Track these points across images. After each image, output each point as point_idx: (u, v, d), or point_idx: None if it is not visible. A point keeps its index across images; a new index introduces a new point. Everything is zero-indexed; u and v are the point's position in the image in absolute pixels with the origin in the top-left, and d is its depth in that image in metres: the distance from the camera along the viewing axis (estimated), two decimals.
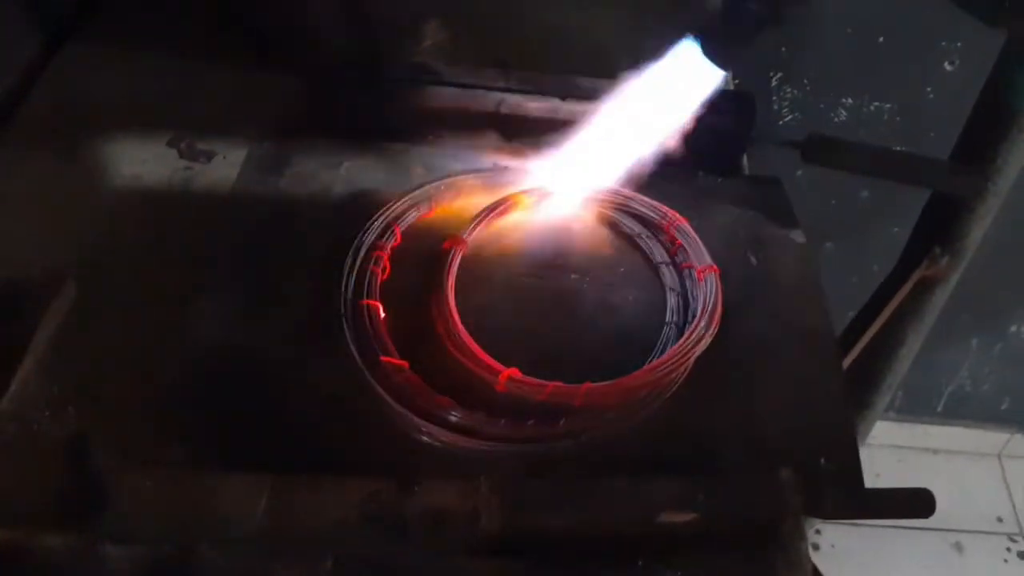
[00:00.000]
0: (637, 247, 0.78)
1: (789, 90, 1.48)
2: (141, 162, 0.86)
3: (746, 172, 0.91)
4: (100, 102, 0.91)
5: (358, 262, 0.74)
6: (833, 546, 1.87)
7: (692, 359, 0.69)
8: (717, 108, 0.83)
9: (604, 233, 0.80)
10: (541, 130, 0.85)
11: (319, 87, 0.92)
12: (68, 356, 0.70)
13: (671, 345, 0.70)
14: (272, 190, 0.83)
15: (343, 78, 0.91)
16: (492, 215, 0.78)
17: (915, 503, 0.65)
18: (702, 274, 0.74)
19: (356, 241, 0.76)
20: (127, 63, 0.94)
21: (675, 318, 0.72)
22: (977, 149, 1.02)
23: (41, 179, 0.83)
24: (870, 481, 0.64)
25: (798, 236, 0.82)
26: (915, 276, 1.17)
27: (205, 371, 0.70)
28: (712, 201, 0.84)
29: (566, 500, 0.61)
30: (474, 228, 0.77)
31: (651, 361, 0.68)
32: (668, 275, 0.75)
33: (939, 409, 1.98)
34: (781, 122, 1.50)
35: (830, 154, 0.88)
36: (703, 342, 0.69)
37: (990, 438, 2.01)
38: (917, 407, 1.96)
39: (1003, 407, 1.96)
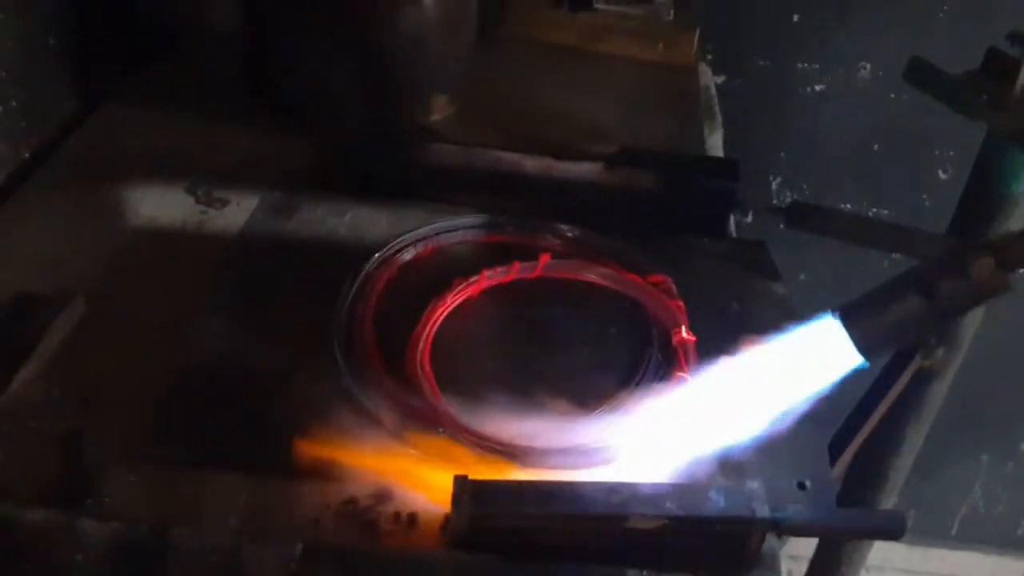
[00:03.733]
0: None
1: (789, 194, 1.54)
2: (159, 205, 0.92)
3: (732, 235, 0.95)
4: (128, 152, 0.98)
5: (354, 289, 0.78)
6: None
7: None
8: (702, 171, 0.88)
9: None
10: (536, 187, 0.90)
11: (332, 147, 0.98)
12: (71, 363, 0.73)
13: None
14: (279, 231, 0.88)
15: (355, 140, 0.98)
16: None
17: (884, 524, 0.65)
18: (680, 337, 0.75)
19: (356, 272, 0.79)
20: (156, 120, 1.02)
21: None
22: (967, 231, 1.07)
23: (66, 213, 0.89)
24: None
25: (780, 288, 0.85)
26: (911, 368, 1.18)
27: (200, 381, 0.73)
28: (696, 259, 0.88)
29: (535, 499, 0.62)
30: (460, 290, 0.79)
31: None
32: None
33: (953, 532, 1.93)
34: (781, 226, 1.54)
35: (813, 219, 0.92)
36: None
37: (1007, 565, 1.95)
38: (931, 529, 1.92)
39: (1019, 531, 1.91)
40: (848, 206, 1.53)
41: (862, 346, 0.66)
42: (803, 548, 1.40)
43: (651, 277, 0.81)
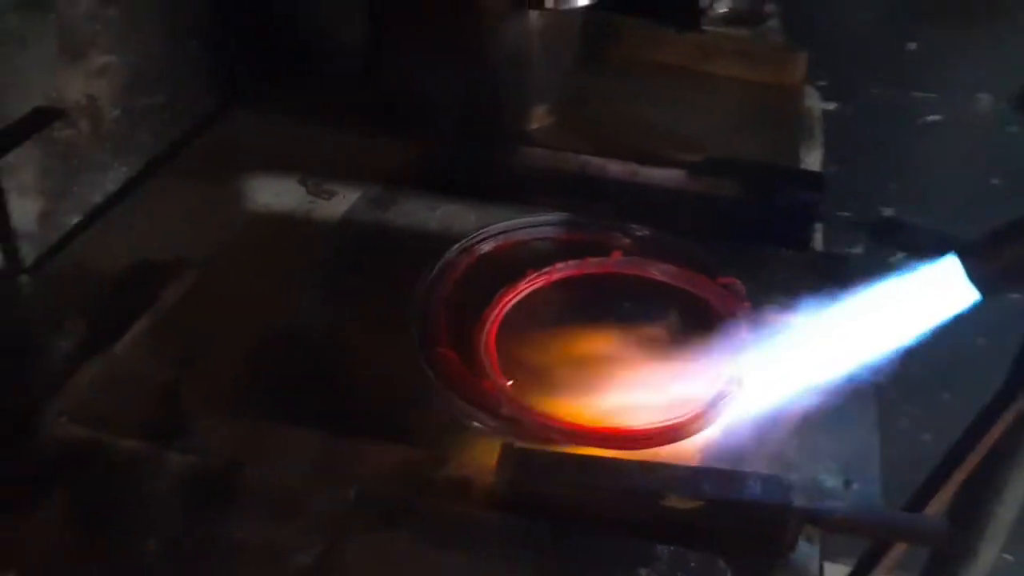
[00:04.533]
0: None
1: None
2: (274, 194, 1.00)
3: (817, 248, 0.95)
4: (253, 149, 1.08)
5: (433, 273, 0.83)
6: None
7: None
8: (784, 182, 0.89)
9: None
10: (620, 190, 0.94)
11: (433, 149, 1.05)
12: (178, 323, 0.82)
13: None
14: (375, 220, 0.95)
15: (454, 144, 1.04)
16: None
17: (929, 532, 0.64)
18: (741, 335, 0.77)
19: (436, 258, 0.85)
20: (282, 122, 1.11)
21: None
22: None
23: (192, 197, 0.99)
24: None
25: None
26: (1015, 408, 1.14)
27: (288, 346, 0.80)
28: (773, 268, 0.89)
29: (575, 470, 0.65)
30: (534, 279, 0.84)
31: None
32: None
33: None
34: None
35: (899, 236, 0.91)
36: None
37: None
38: None
39: None
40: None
41: (979, 283, 0.67)
42: None
43: (720, 279, 0.82)
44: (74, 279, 0.86)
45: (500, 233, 0.89)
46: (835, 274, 0.90)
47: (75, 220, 0.95)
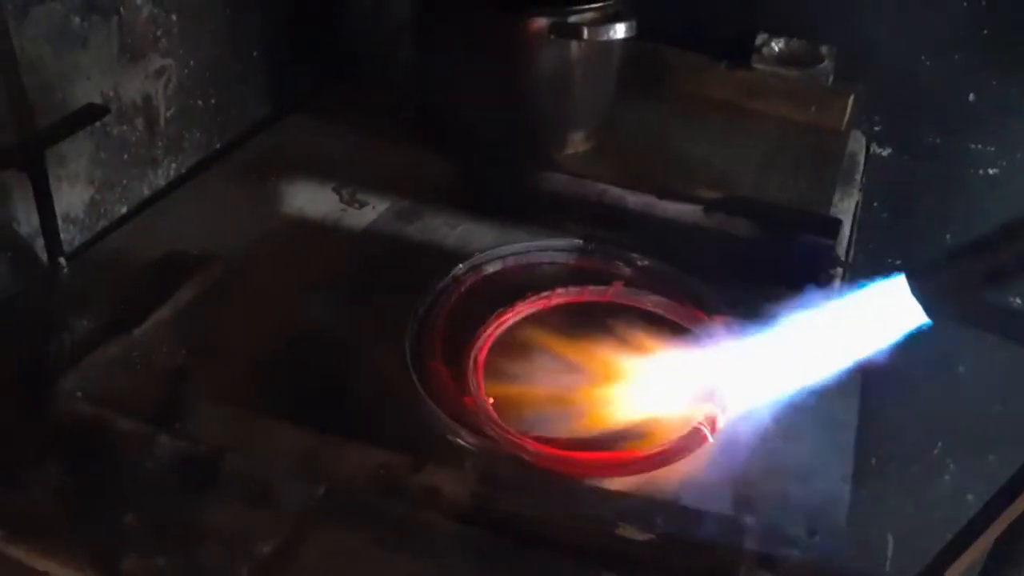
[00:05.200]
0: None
1: None
2: (309, 200, 1.05)
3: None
4: (298, 155, 1.13)
5: (438, 288, 0.86)
6: None
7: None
8: (798, 225, 0.89)
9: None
10: (636, 221, 0.95)
11: (467, 168, 1.08)
12: (198, 314, 0.87)
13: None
14: (397, 232, 0.99)
15: (482, 164, 1.07)
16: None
17: None
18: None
19: (443, 273, 0.88)
20: (330, 131, 1.17)
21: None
22: None
23: (232, 196, 1.04)
24: None
25: None
26: None
27: (295, 347, 0.84)
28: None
29: (536, 491, 0.67)
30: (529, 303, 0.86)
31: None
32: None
33: None
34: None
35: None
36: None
37: None
38: None
39: None
40: (1017, 300, 1.43)
41: (924, 303, 0.66)
42: None
43: (716, 316, 0.83)
44: (109, 266, 0.92)
45: (509, 255, 0.91)
46: None
47: (122, 210, 1.02)
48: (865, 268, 1.33)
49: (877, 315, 0.68)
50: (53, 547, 0.64)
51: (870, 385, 1.43)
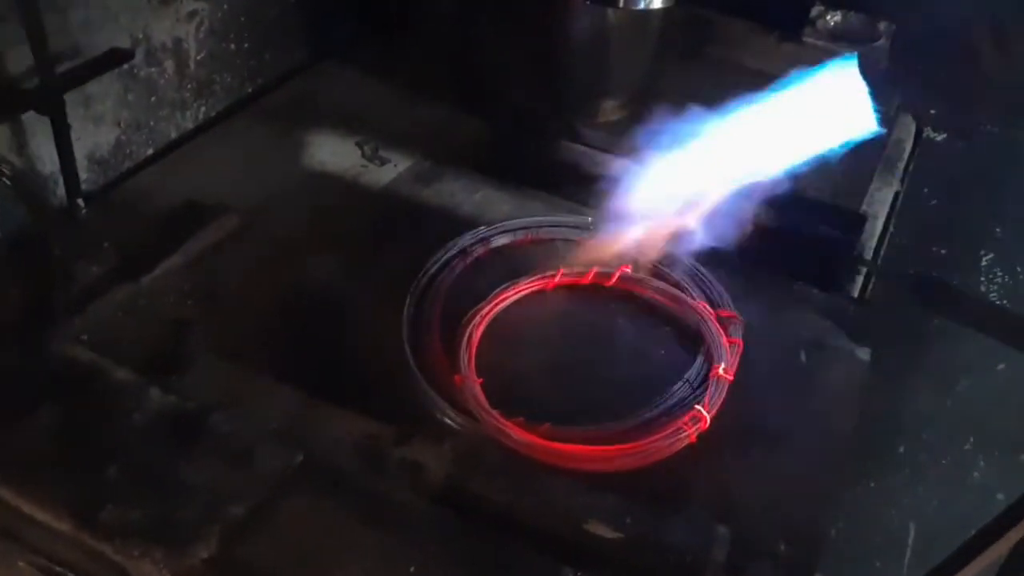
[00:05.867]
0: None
1: (1000, 274, 1.41)
2: (331, 153, 1.05)
3: (856, 293, 0.91)
4: (326, 105, 1.13)
5: (443, 259, 0.86)
6: None
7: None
8: (819, 218, 0.86)
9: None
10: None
11: (494, 132, 1.06)
12: (207, 266, 0.87)
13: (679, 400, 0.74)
14: (415, 194, 0.98)
15: (517, 129, 1.06)
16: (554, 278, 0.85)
17: None
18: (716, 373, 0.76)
19: (450, 244, 0.87)
20: (362, 83, 1.16)
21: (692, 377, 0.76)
22: None
23: (255, 145, 1.05)
24: None
25: (863, 354, 0.82)
26: None
27: (299, 305, 0.85)
28: (792, 304, 0.87)
29: (511, 477, 0.67)
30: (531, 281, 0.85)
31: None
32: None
33: None
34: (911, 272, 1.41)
35: (941, 300, 0.87)
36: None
37: None
38: None
39: None
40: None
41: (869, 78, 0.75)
42: None
43: (721, 311, 0.81)
44: (126, 210, 0.94)
45: (520, 228, 0.90)
46: (852, 320, 0.87)
47: (148, 152, 1.03)
48: (906, 256, 1.29)
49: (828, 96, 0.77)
50: (36, 491, 0.66)
51: (906, 374, 1.40)
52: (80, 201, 0.90)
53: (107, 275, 0.84)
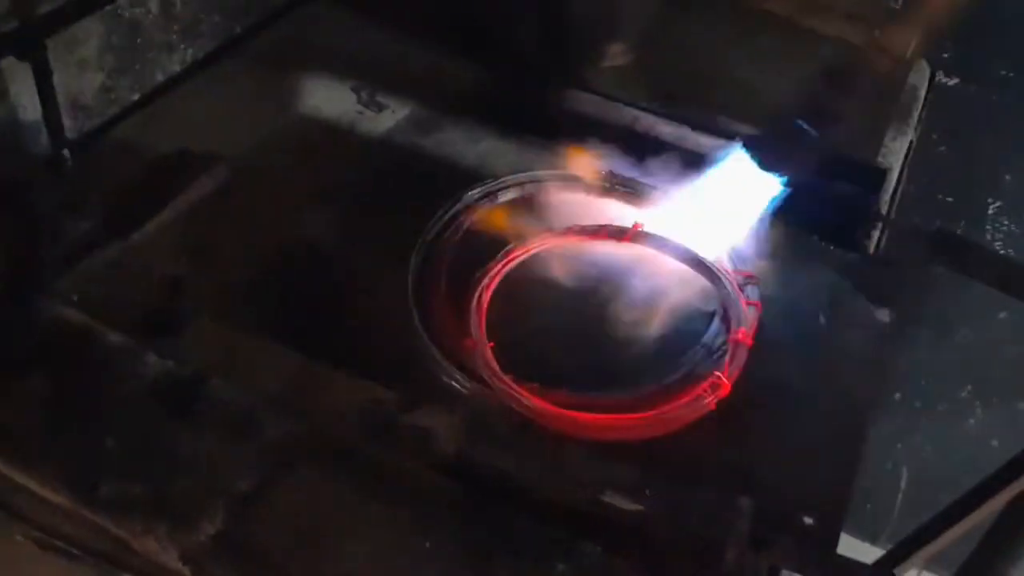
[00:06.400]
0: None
1: (1006, 223, 1.39)
2: (325, 98, 1.00)
3: (871, 250, 0.89)
4: (316, 46, 1.07)
5: (448, 213, 0.82)
6: None
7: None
8: (839, 175, 0.83)
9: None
10: (667, 152, 0.89)
11: (495, 77, 1.02)
12: (198, 220, 0.84)
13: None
14: (414, 143, 0.94)
15: (520, 76, 1.01)
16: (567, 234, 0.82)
17: None
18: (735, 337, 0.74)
19: (455, 199, 0.84)
20: (353, 23, 1.10)
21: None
22: None
23: (246, 89, 1.00)
24: None
25: (883, 315, 0.79)
26: None
27: (297, 262, 0.81)
28: (810, 264, 0.84)
29: (525, 448, 0.65)
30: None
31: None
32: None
33: None
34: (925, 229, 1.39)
35: (957, 255, 0.84)
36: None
37: None
38: None
39: None
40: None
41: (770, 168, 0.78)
42: None
43: (739, 271, 0.78)
44: (113, 159, 0.89)
45: (528, 182, 0.86)
46: (872, 281, 0.85)
47: (134, 97, 0.98)
48: (915, 204, 1.26)
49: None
50: (32, 463, 0.63)
51: (905, 323, 1.38)
52: (66, 152, 0.85)
53: (96, 231, 0.80)
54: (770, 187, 0.81)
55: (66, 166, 0.86)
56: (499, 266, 0.77)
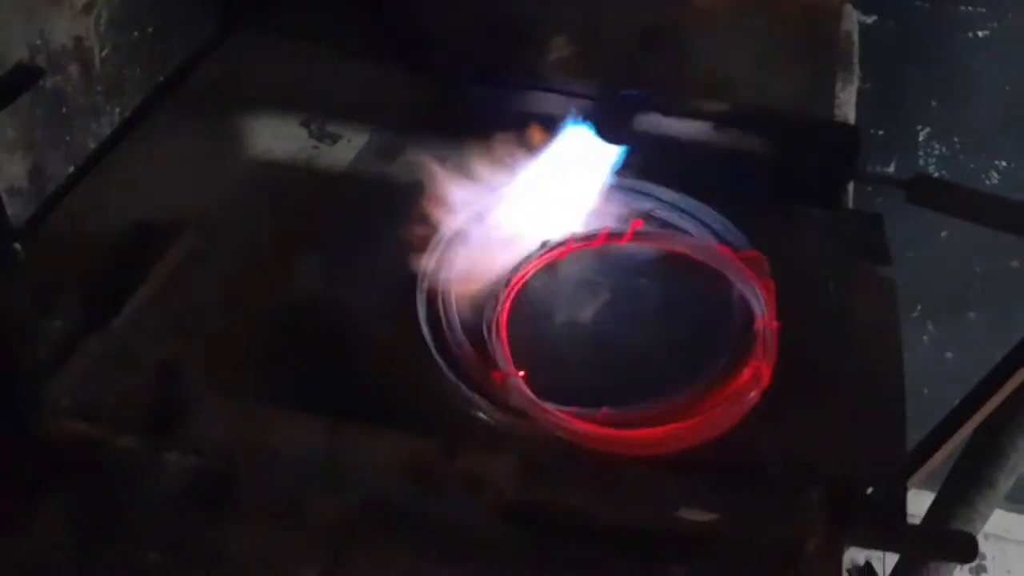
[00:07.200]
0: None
1: (938, 147, 1.43)
2: (275, 137, 0.95)
3: (849, 206, 0.90)
4: (253, 82, 1.02)
5: (444, 242, 0.79)
6: None
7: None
8: (818, 140, 0.83)
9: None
10: (640, 143, 0.88)
11: (445, 87, 0.99)
12: (178, 292, 0.78)
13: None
14: (382, 172, 0.90)
15: (468, 80, 0.98)
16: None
17: (954, 545, 0.62)
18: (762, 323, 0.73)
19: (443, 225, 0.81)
20: (285, 52, 1.05)
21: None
22: None
23: (187, 143, 0.94)
24: None
25: (885, 272, 0.80)
26: None
27: (294, 320, 0.77)
28: (801, 232, 0.84)
29: (586, 480, 0.63)
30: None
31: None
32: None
33: None
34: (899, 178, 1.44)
35: (936, 196, 0.86)
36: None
37: None
38: None
39: None
40: (1003, 163, 1.41)
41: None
42: None
43: (744, 252, 0.78)
44: (69, 242, 0.83)
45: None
46: (868, 234, 0.86)
47: (69, 170, 0.91)
48: None
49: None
50: None
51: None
52: (17, 245, 0.78)
53: (71, 327, 0.74)
54: (610, 154, 0.83)
55: (20, 260, 0.79)
56: (508, 289, 0.75)
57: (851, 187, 0.93)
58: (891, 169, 1.44)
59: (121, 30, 0.94)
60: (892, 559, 1.28)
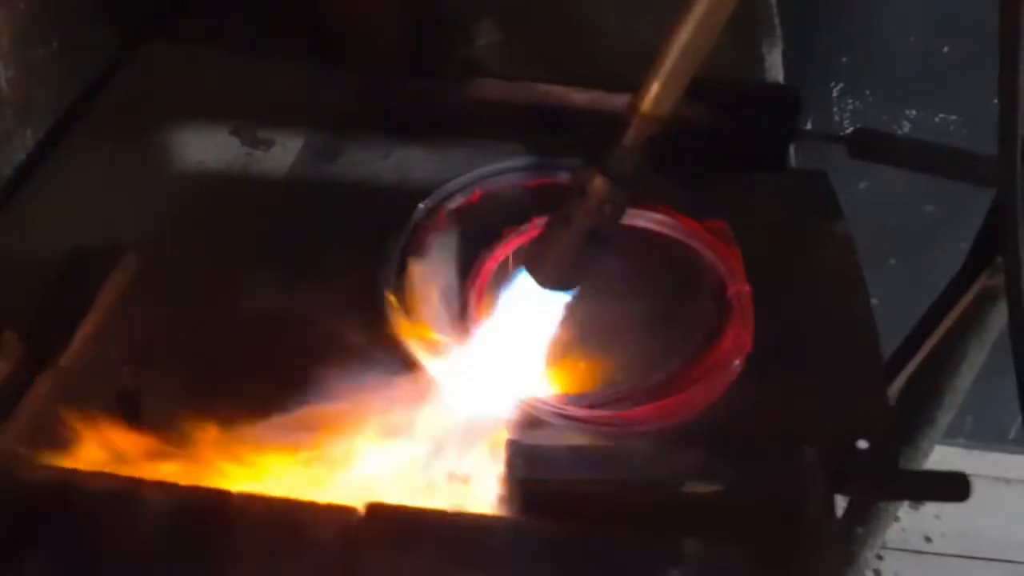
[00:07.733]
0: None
1: (851, 101, 1.47)
2: (205, 148, 0.91)
3: (792, 166, 0.91)
4: (172, 93, 0.97)
5: (402, 241, 0.77)
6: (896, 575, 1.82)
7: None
8: (760, 104, 0.84)
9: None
10: (585, 122, 0.87)
11: (374, 83, 0.96)
12: (125, 321, 0.74)
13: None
14: (324, 176, 0.87)
15: (396, 74, 0.95)
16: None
17: (949, 487, 0.64)
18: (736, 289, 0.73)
19: (403, 225, 0.78)
20: (201, 58, 1.00)
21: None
22: None
23: (113, 162, 0.89)
24: None
25: (841, 227, 0.82)
26: (976, 287, 1.14)
27: (253, 337, 0.74)
28: (753, 196, 0.85)
29: (589, 464, 0.62)
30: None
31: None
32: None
33: (1011, 436, 1.91)
34: (841, 134, 1.49)
35: (877, 149, 0.88)
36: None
37: None
38: (988, 434, 1.90)
39: None
40: (913, 112, 1.46)
41: (553, 286, 0.67)
42: None
43: (708, 222, 0.78)
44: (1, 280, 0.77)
45: (466, 186, 0.82)
46: (814, 194, 0.87)
47: None
48: None
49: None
50: None
51: None
52: None
53: (17, 369, 0.69)
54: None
55: None
56: (478, 282, 0.73)
57: (792, 148, 0.94)
58: (808, 127, 1.48)
59: (25, 48, 0.88)
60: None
